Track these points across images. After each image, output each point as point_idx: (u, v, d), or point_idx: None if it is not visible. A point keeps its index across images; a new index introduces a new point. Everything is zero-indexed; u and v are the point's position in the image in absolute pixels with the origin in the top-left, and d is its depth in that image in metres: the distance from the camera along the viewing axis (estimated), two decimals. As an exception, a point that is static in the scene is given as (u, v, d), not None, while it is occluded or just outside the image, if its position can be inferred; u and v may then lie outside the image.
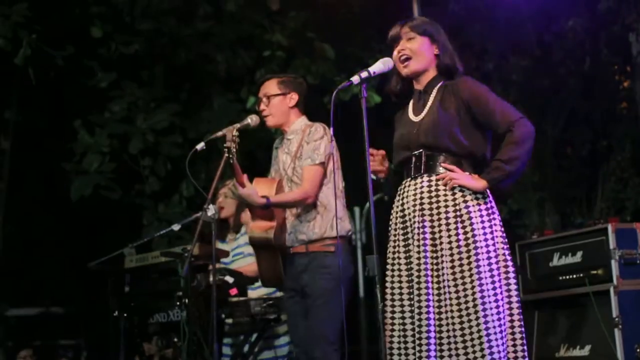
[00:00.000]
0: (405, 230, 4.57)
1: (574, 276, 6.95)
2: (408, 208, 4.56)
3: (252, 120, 5.49)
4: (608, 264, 6.74)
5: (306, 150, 5.48)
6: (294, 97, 5.68)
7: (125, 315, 6.57)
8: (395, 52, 4.66)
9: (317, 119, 5.67)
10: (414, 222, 4.51)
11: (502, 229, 4.52)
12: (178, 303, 6.06)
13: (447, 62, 4.62)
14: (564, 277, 7.03)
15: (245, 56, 10.68)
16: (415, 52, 4.62)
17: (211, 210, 5.29)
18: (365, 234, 12.58)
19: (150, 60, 10.37)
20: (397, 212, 4.65)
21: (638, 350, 6.68)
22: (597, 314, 6.64)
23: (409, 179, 4.62)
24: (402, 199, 4.61)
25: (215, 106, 10.37)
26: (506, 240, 4.51)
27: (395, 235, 4.63)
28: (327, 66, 10.70)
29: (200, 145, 5.42)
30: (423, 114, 4.60)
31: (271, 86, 5.69)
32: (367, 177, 4.35)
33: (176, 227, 6.66)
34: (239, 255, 7.07)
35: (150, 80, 10.32)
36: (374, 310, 4.56)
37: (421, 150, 4.52)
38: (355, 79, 4.50)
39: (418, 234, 4.47)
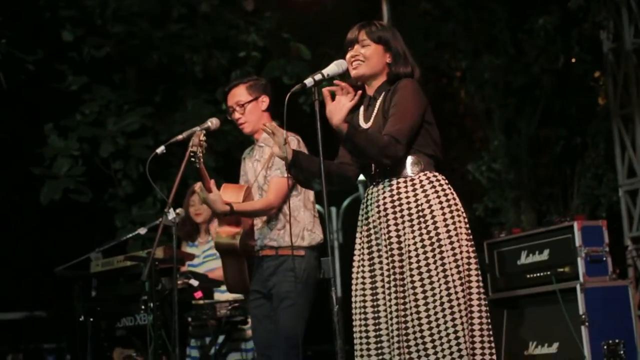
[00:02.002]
0: (369, 238, 4.58)
1: (541, 274, 6.98)
2: (372, 215, 4.57)
3: (212, 123, 5.45)
4: (574, 262, 6.76)
5: (277, 160, 5.43)
6: (265, 100, 5.62)
7: (91, 319, 6.55)
8: (348, 55, 4.67)
9: (293, 119, 5.63)
10: (380, 229, 4.52)
11: (467, 226, 4.52)
12: (144, 307, 6.04)
13: (398, 71, 4.62)
14: (531, 275, 7.05)
15: (221, 57, 10.67)
16: (367, 59, 4.62)
17: (171, 214, 5.29)
18: (342, 234, 12.65)
19: (123, 63, 10.35)
20: (361, 219, 4.66)
21: (605, 347, 6.71)
22: (564, 312, 6.67)
23: (371, 186, 4.63)
24: (367, 206, 4.63)
25: (189, 107, 10.36)
26: (471, 236, 4.52)
27: (360, 243, 4.64)
28: (302, 66, 10.70)
29: (160, 149, 5.40)
30: (370, 122, 4.61)
31: (241, 93, 5.61)
32: (322, 180, 4.35)
33: (142, 230, 6.66)
34: (211, 256, 7.07)
35: (123, 83, 10.31)
36: (349, 311, 4.59)
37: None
38: (308, 81, 4.48)
39: (384, 239, 4.48)
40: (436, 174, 4.54)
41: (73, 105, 9.91)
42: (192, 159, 5.12)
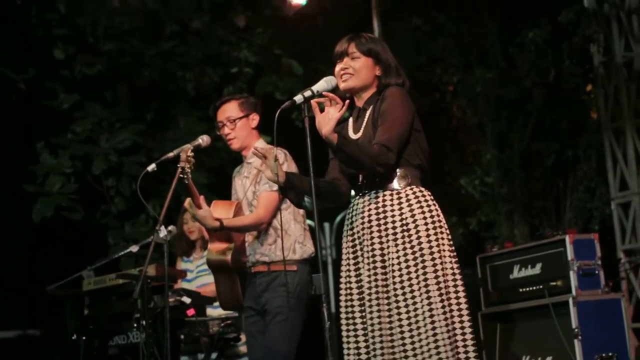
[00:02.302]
0: (354, 249, 4.59)
1: (534, 288, 7.00)
2: (357, 227, 4.58)
3: (203, 140, 5.49)
4: (567, 275, 6.79)
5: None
6: (255, 118, 5.65)
7: (84, 338, 6.54)
8: (337, 68, 4.67)
9: (284, 135, 5.64)
10: (363, 240, 4.52)
11: (450, 242, 4.52)
12: (136, 325, 6.03)
13: (389, 83, 4.61)
14: (524, 289, 7.07)
15: (213, 74, 10.68)
16: (357, 71, 4.62)
17: (162, 232, 5.30)
18: (336, 250, 12.60)
19: (114, 81, 10.36)
20: (347, 232, 4.67)
21: (598, 360, 6.72)
22: (557, 325, 6.68)
23: (357, 197, 4.63)
24: (352, 217, 4.63)
25: (182, 125, 10.37)
26: (454, 250, 4.50)
27: (346, 255, 4.65)
28: (294, 82, 10.72)
29: (151, 167, 5.43)
30: (360, 133, 4.61)
31: (233, 109, 5.63)
32: (312, 194, 4.35)
33: (134, 248, 6.67)
34: (204, 271, 7.07)
35: (114, 101, 10.32)
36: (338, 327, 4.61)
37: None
38: (298, 98, 4.50)
39: (367, 251, 4.49)
40: (422, 189, 4.54)
41: (65, 123, 9.91)
42: (181, 176, 5.13)
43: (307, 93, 4.51)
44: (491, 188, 11.81)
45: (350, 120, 4.72)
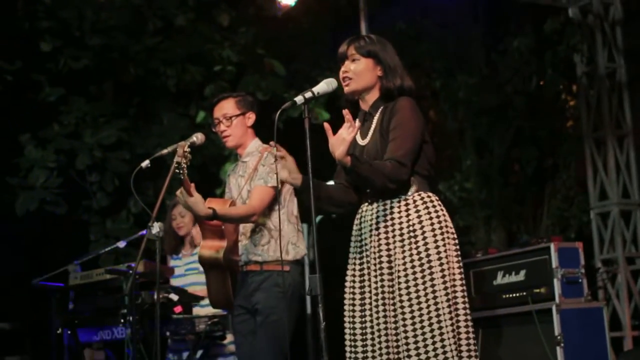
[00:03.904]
0: (361, 255, 4.61)
1: (517, 294, 7.05)
2: (365, 233, 4.60)
3: (197, 138, 5.49)
4: (550, 283, 6.85)
5: (261, 171, 5.48)
6: (251, 117, 5.68)
7: (69, 332, 6.53)
8: (340, 71, 4.69)
9: (268, 135, 5.66)
10: (371, 247, 4.55)
11: (457, 247, 4.54)
12: (122, 320, 6.02)
13: (390, 85, 4.63)
14: (507, 296, 7.12)
15: (195, 71, 10.66)
16: (357, 74, 4.64)
17: (155, 228, 5.30)
18: (313, 252, 12.52)
19: (99, 76, 10.31)
20: (355, 237, 4.68)
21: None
22: (540, 332, 6.73)
23: (366, 204, 4.65)
24: (360, 223, 4.65)
25: (165, 121, 10.34)
26: (459, 257, 4.54)
27: (352, 261, 4.66)
28: (277, 83, 10.72)
29: (145, 163, 5.43)
30: (368, 139, 4.62)
31: (230, 106, 5.65)
32: (310, 197, 4.36)
33: (122, 244, 6.66)
34: (193, 270, 7.07)
35: (99, 96, 10.27)
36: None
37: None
38: (299, 99, 4.52)
39: (375, 257, 4.51)
40: (430, 194, 4.56)
41: (50, 116, 9.86)
42: (177, 170, 5.13)
43: (308, 94, 4.54)
44: (469, 193, 11.86)
45: (357, 123, 4.73)
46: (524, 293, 6.98)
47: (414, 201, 4.52)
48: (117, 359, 6.61)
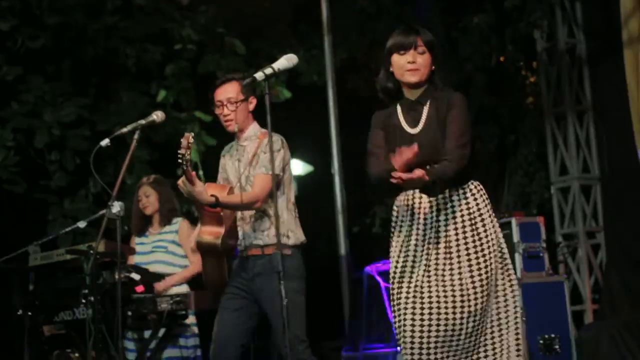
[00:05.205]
0: (416, 244, 4.63)
1: (479, 269, 7.05)
2: (418, 222, 4.64)
3: (157, 116, 5.47)
4: (512, 257, 6.86)
5: (262, 159, 5.42)
6: (253, 102, 5.59)
7: (29, 313, 6.48)
8: (403, 60, 4.62)
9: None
10: (429, 237, 4.60)
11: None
12: (84, 301, 5.97)
13: (439, 77, 4.67)
14: (469, 270, 7.12)
15: (155, 50, 10.59)
16: (425, 66, 4.62)
17: (115, 207, 5.27)
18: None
19: (58, 55, 10.21)
20: (402, 227, 4.71)
21: (541, 341, 6.82)
22: (501, 307, 6.75)
23: (414, 195, 4.67)
24: (412, 212, 4.66)
25: (124, 99, 10.27)
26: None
27: (402, 249, 4.68)
28: (237, 61, 10.67)
29: (105, 142, 5.39)
30: (420, 128, 4.62)
31: (235, 90, 5.53)
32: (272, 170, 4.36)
33: (82, 224, 6.62)
34: (161, 248, 7.04)
35: (58, 75, 10.17)
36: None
37: (427, 166, 4.47)
38: (259, 75, 4.54)
39: (432, 244, 4.59)
40: (477, 182, 4.68)
41: (9, 95, 9.75)
42: (180, 161, 5.05)
43: (268, 71, 4.56)
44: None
45: (399, 110, 4.71)
46: (486, 268, 6.99)
47: (470, 190, 4.63)
48: (78, 338, 6.55)
